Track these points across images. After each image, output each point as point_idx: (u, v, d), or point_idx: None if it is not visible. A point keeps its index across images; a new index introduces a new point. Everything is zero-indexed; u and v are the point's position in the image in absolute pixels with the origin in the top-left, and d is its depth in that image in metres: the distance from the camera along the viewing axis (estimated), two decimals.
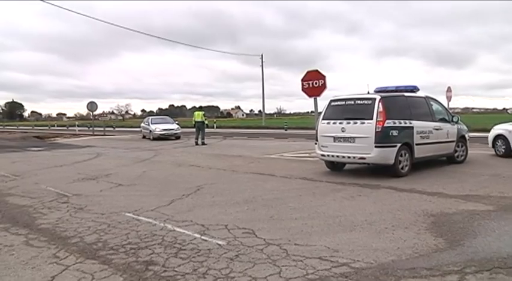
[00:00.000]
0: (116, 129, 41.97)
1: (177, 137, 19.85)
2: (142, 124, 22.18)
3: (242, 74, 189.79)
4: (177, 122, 21.82)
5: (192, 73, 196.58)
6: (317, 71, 10.76)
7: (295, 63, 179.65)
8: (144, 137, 21.47)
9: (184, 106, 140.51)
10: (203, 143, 16.34)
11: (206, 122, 16.91)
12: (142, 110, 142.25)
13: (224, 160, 10.79)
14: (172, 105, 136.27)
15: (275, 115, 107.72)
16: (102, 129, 28.65)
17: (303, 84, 10.92)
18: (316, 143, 7.85)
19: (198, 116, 16.58)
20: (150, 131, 19.94)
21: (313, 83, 10.63)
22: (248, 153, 12.31)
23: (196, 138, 16.64)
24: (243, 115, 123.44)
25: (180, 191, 6.31)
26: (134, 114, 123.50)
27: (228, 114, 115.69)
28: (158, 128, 19.78)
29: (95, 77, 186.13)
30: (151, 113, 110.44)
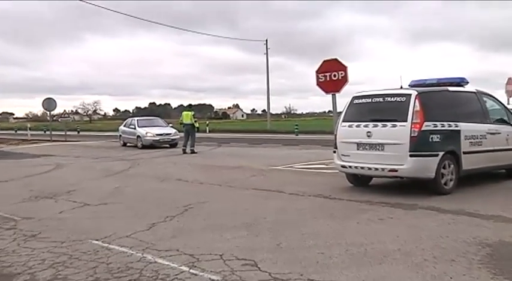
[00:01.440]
0: (81, 133, 42.07)
1: (173, 144, 19.87)
2: (122, 127, 22.13)
3: (241, 65, 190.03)
4: (171, 125, 21.89)
5: (178, 63, 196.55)
6: (336, 60, 10.84)
7: (308, 51, 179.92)
8: (125, 144, 21.38)
9: (169, 104, 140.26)
10: (192, 151, 16.42)
11: (197, 124, 16.99)
12: (115, 110, 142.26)
13: (219, 172, 10.85)
14: (153, 103, 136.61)
15: (283, 116, 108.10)
16: (63, 133, 28.77)
17: (318, 77, 10.99)
18: (335, 152, 7.89)
19: (187, 117, 16.69)
20: (138, 136, 19.90)
21: (332, 75, 10.70)
22: (249, 164, 12.39)
23: (184, 146, 16.71)
24: (242, 116, 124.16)
25: (163, 212, 6.34)
26: (105, 114, 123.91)
27: (224, 115, 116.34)
28: (150, 132, 19.73)
29: (52, 66, 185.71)
30: (126, 113, 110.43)
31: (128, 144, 21.04)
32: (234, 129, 38.39)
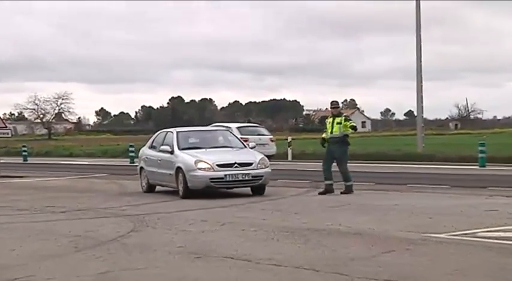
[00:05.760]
0: (31, 161, 44.25)
1: (258, 187, 19.47)
2: (147, 151, 22.52)
3: (354, 16, 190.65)
4: (252, 145, 21.51)
5: (221, 17, 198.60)
6: None
7: None
8: (152, 188, 21.53)
9: (210, 101, 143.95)
10: (348, 189, 18.05)
11: (349, 130, 18.51)
12: (101, 112, 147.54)
13: (315, 243, 10.86)
14: (179, 98, 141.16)
15: (453, 125, 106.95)
16: None
17: None
18: None
19: (336, 125, 18.03)
20: (179, 169, 19.40)
21: None
22: (379, 226, 12.41)
23: (328, 179, 18.18)
24: (363, 125, 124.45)
25: None
26: (79, 121, 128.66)
27: (324, 123, 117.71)
28: (205, 160, 19.11)
29: None
30: (123, 119, 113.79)
31: (160, 186, 21.23)
32: None
